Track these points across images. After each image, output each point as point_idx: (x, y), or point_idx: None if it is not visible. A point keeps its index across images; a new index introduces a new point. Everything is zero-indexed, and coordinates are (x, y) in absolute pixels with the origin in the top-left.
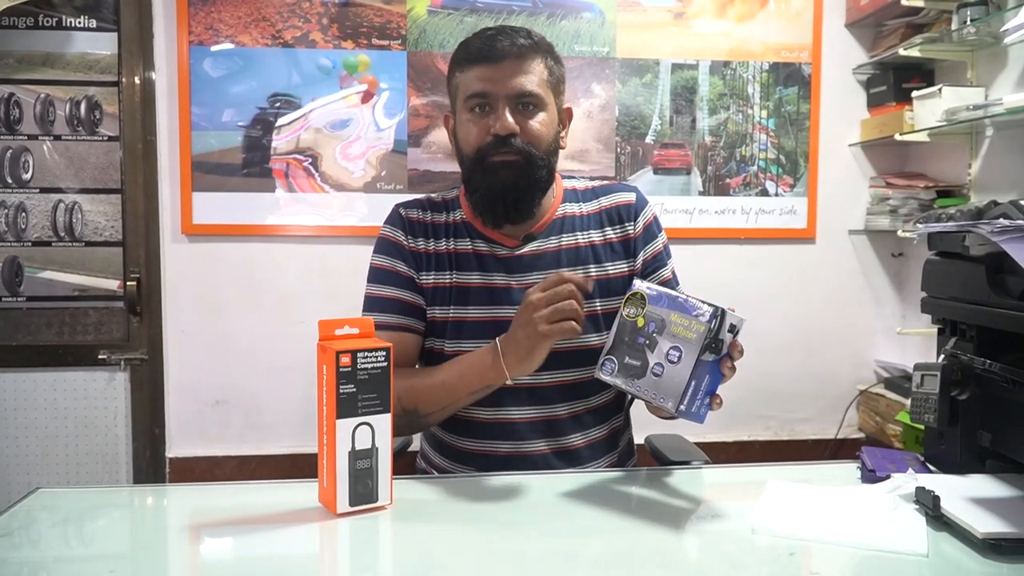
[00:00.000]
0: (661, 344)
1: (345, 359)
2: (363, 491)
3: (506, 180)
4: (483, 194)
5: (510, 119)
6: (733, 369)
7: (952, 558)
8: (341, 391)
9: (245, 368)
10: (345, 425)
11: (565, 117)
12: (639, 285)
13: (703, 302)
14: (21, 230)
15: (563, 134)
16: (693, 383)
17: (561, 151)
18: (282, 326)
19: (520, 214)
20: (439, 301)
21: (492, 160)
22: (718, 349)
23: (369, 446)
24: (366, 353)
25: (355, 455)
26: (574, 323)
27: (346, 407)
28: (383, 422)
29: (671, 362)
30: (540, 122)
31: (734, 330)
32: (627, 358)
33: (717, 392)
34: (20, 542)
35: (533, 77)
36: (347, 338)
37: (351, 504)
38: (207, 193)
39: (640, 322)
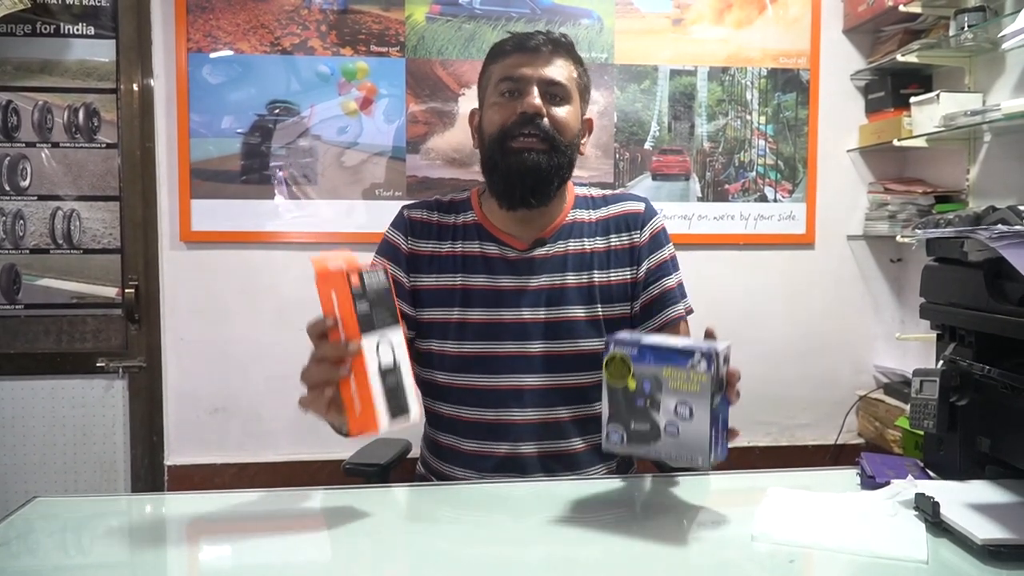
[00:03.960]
0: (665, 402)
1: (354, 278)
2: (396, 405)
3: (528, 162)
4: (503, 175)
5: (538, 100)
6: (738, 394)
7: (952, 564)
8: (359, 309)
9: (244, 375)
10: (369, 341)
11: (587, 127)
12: (616, 348)
13: (687, 348)
14: (19, 237)
15: (584, 141)
16: (714, 431)
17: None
18: (281, 333)
19: (537, 198)
20: (442, 302)
21: (515, 144)
22: (722, 386)
23: (392, 361)
24: (369, 273)
25: (383, 372)
26: (326, 395)
27: (366, 324)
28: (397, 335)
29: (684, 418)
30: (566, 113)
31: (727, 360)
32: (633, 424)
33: (730, 425)
34: (18, 551)
35: (563, 71)
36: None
37: (392, 418)
38: (206, 200)
39: (632, 385)
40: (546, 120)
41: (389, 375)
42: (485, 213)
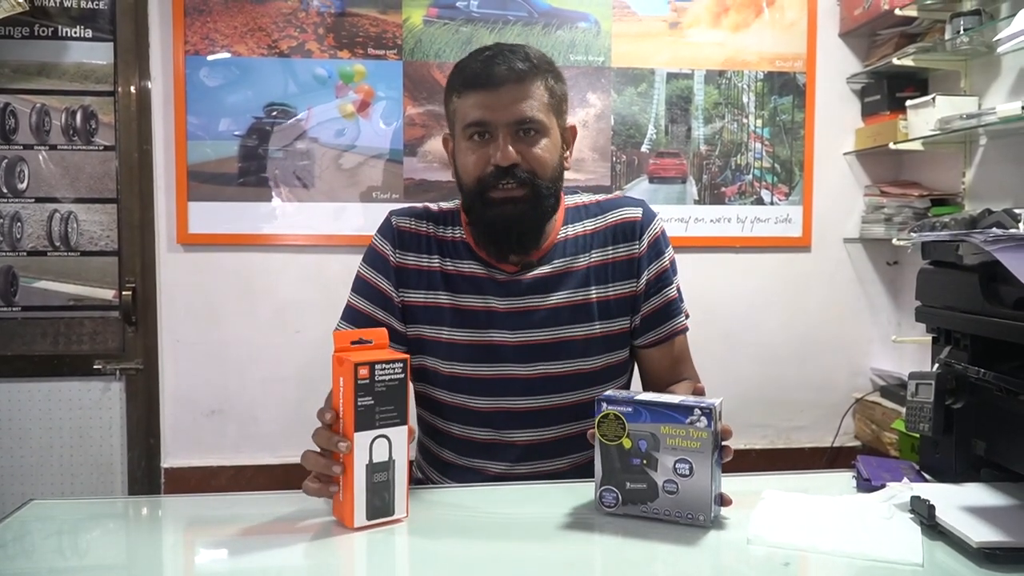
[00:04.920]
0: (663, 460)
1: (363, 371)
2: (380, 504)
3: (510, 214)
4: (486, 227)
5: (511, 149)
6: (731, 452)
7: (947, 567)
8: (359, 403)
9: (241, 377)
10: (363, 438)
11: (569, 137)
12: (609, 407)
13: (684, 404)
14: (16, 240)
15: (567, 154)
16: (713, 486)
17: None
18: (278, 335)
19: (525, 247)
20: (431, 320)
21: (494, 195)
22: (718, 442)
23: (386, 459)
24: (384, 365)
25: (372, 468)
26: (329, 491)
27: (364, 420)
28: (400, 434)
29: (683, 476)
30: (543, 148)
31: (720, 416)
32: (628, 484)
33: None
34: (14, 554)
35: (534, 102)
36: (363, 349)
37: (368, 518)
38: (203, 202)
39: (627, 444)
40: (520, 168)
41: (378, 473)
42: (476, 242)
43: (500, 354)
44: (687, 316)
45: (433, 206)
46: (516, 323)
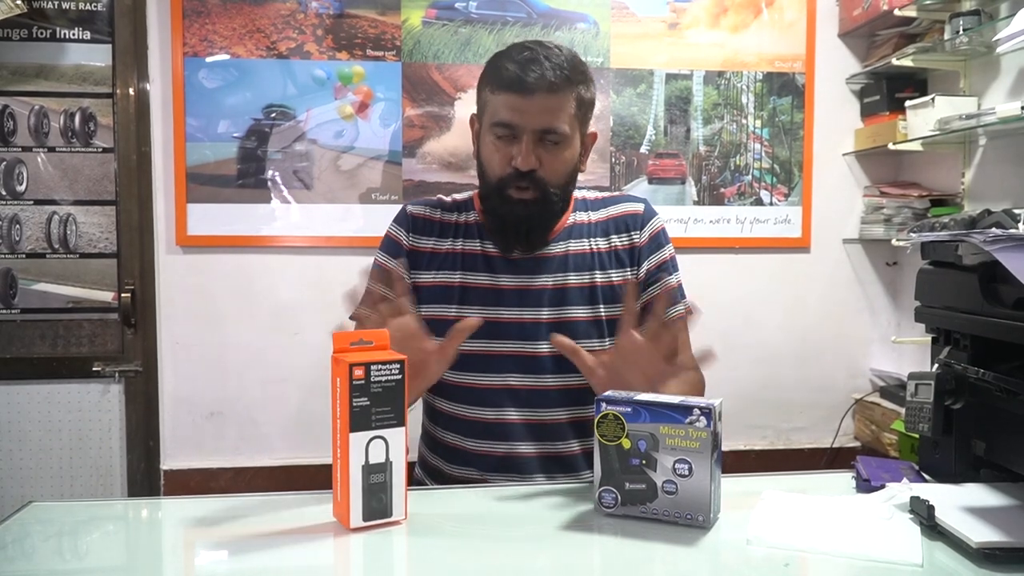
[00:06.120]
0: (662, 460)
1: (358, 371)
2: (377, 506)
3: (521, 214)
4: (497, 221)
5: (532, 156)
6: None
7: (947, 568)
8: (354, 404)
9: (240, 379)
10: (358, 439)
11: (589, 142)
12: (608, 407)
13: (684, 404)
14: (15, 242)
15: (584, 158)
16: (713, 486)
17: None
18: (277, 337)
19: (532, 245)
20: (442, 299)
21: (509, 193)
22: (718, 442)
23: (383, 460)
24: (380, 366)
25: (368, 469)
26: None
27: (359, 420)
28: (397, 436)
29: (683, 476)
30: (561, 159)
31: (720, 416)
32: (628, 484)
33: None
34: (13, 556)
35: (561, 113)
36: (362, 350)
37: (365, 519)
38: (202, 204)
39: (626, 444)
40: (540, 171)
41: (375, 474)
42: (486, 219)
43: (508, 331)
44: (690, 313)
45: (446, 198)
46: (525, 301)
